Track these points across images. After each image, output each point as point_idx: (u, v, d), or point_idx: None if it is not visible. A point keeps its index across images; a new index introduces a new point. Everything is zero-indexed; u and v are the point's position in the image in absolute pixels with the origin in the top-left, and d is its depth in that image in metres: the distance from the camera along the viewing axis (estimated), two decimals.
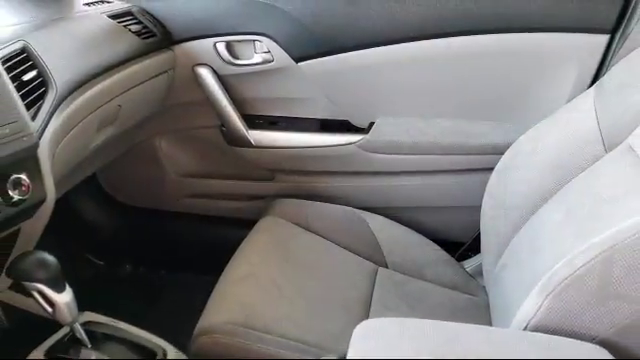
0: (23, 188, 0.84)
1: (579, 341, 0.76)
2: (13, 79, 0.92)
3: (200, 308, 1.12)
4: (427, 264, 1.41)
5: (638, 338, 0.76)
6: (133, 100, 1.36)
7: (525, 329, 0.81)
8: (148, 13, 1.52)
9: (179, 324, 1.09)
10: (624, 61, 1.14)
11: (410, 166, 1.57)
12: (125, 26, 1.39)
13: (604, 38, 1.33)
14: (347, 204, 1.56)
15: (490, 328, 1.03)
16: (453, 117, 1.53)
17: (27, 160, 0.88)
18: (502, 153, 1.28)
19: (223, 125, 1.66)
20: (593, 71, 1.35)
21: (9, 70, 0.92)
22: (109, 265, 1.01)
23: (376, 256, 1.40)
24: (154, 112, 1.57)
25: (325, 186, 1.68)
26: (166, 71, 1.51)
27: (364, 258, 1.39)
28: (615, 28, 1.31)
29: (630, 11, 1.29)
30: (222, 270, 1.25)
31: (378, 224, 1.49)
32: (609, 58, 1.33)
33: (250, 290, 1.17)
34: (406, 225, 1.56)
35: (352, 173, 1.64)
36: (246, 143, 1.64)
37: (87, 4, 1.41)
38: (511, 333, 0.83)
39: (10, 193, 0.82)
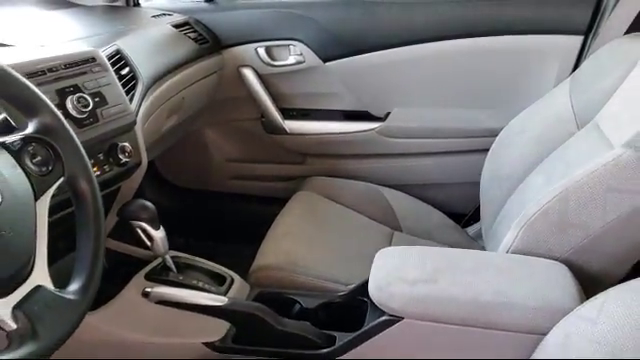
0: (127, 153, 1.05)
1: (545, 259, 0.94)
2: (115, 73, 1.13)
3: (246, 268, 1.24)
4: (435, 228, 1.53)
5: (589, 257, 0.93)
6: (193, 94, 1.55)
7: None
8: (201, 23, 1.71)
9: None
10: (593, 56, 1.28)
11: (420, 148, 1.72)
12: (185, 34, 1.59)
13: (579, 39, 1.48)
14: (367, 181, 1.69)
15: (479, 251, 1.18)
16: (456, 106, 1.67)
17: (129, 132, 1.09)
18: (496, 135, 1.41)
19: (262, 116, 1.84)
20: (571, 66, 1.49)
21: (112, 66, 1.13)
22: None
23: (392, 222, 1.53)
24: (207, 105, 1.76)
25: (349, 166, 1.81)
26: (216, 71, 1.70)
27: (382, 224, 1.52)
28: (588, 30, 1.46)
29: (599, 16, 1.44)
30: (260, 240, 1.37)
31: (394, 197, 1.62)
32: (584, 55, 1.48)
33: (290, 244, 1.32)
34: (417, 198, 1.69)
35: (371, 155, 1.79)
36: (282, 131, 1.81)
37: (154, 16, 1.62)
38: (494, 254, 1.04)
39: (120, 156, 1.03)
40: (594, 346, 0.69)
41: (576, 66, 1.49)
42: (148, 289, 1.00)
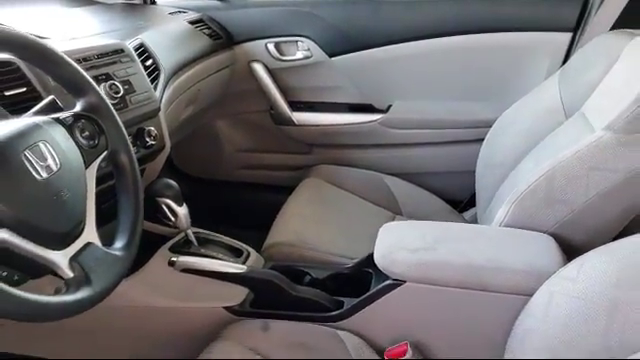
0: (153, 136, 1.12)
1: (533, 232, 1.02)
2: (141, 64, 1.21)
3: (257, 250, 1.27)
4: (434, 213, 1.59)
5: (573, 230, 1.01)
6: (207, 87, 1.63)
7: None
8: (215, 20, 1.79)
9: None
10: (580, 51, 1.33)
11: (420, 138, 1.78)
12: (200, 30, 1.67)
13: (568, 35, 1.55)
14: (370, 169, 1.75)
15: (474, 225, 1.25)
16: (453, 99, 1.74)
17: (154, 118, 1.17)
18: (491, 126, 1.45)
19: (272, 108, 1.90)
20: (561, 61, 1.56)
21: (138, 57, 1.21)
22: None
23: (393, 207, 1.59)
24: (219, 98, 1.83)
25: (353, 155, 1.87)
26: (228, 66, 1.78)
27: (384, 208, 1.58)
28: (576, 27, 1.53)
29: (587, 14, 1.51)
30: (270, 227, 1.42)
31: (395, 184, 1.68)
32: (573, 50, 1.54)
33: (299, 223, 1.40)
34: (417, 185, 1.74)
35: (374, 145, 1.85)
36: (290, 122, 1.88)
37: (170, 13, 1.70)
38: (488, 227, 1.12)
39: (146, 139, 1.10)
40: (574, 301, 0.76)
41: (565, 60, 1.54)
42: (174, 258, 1.08)
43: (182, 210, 1.12)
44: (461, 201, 1.77)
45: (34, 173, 0.65)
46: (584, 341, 0.72)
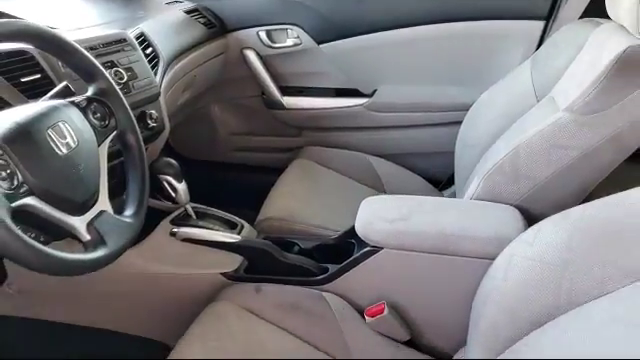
0: (154, 119, 1.20)
1: (500, 204, 1.10)
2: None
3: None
4: (415, 191, 1.65)
5: (537, 203, 1.08)
6: (202, 73, 1.70)
7: None
8: (209, 9, 1.84)
9: None
10: (550, 39, 1.39)
11: (403, 121, 1.85)
12: (195, 19, 1.73)
13: (540, 23, 1.60)
14: (356, 150, 1.82)
15: (446, 198, 1.32)
16: (433, 84, 1.80)
17: (154, 102, 1.24)
18: (468, 109, 1.51)
19: (263, 93, 1.96)
20: (534, 48, 1.60)
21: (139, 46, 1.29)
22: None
23: (377, 186, 1.67)
24: (214, 83, 1.89)
25: (340, 137, 1.94)
26: (222, 53, 1.84)
27: (369, 187, 1.66)
28: (548, 16, 1.59)
29: (558, 4, 1.57)
30: (261, 205, 1.48)
31: (379, 164, 1.76)
32: (545, 38, 1.60)
33: (289, 200, 1.48)
34: (400, 166, 1.81)
35: (360, 127, 1.91)
36: (281, 107, 1.94)
37: (167, 3, 1.76)
38: (459, 200, 1.21)
39: (148, 121, 1.18)
40: (530, 263, 0.83)
41: (539, 47, 1.58)
42: (175, 229, 1.17)
43: (182, 186, 1.20)
44: (441, 180, 1.83)
45: (56, 149, 0.74)
46: (538, 298, 0.79)
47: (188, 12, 1.74)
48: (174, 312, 1.18)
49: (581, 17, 1.50)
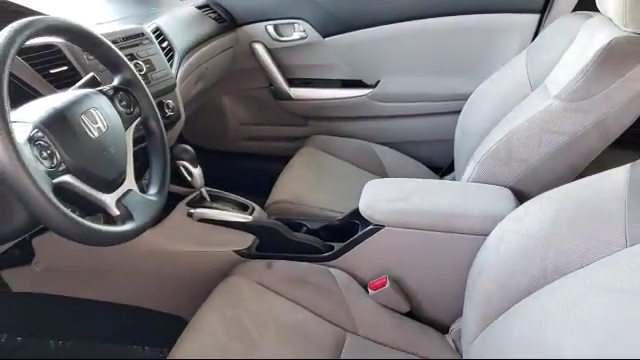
0: (171, 108, 1.28)
1: (495, 186, 1.16)
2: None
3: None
4: (417, 177, 1.51)
5: (529, 184, 1.14)
6: (214, 65, 1.76)
7: None
8: (219, 5, 1.90)
9: None
10: (544, 31, 1.44)
11: (405, 111, 1.90)
12: (206, 14, 1.79)
13: (536, 16, 1.64)
14: (360, 138, 1.87)
15: (444, 181, 1.38)
16: (434, 75, 1.84)
17: (171, 92, 1.31)
18: (467, 99, 1.56)
19: (271, 85, 2.02)
20: (529, 40, 1.64)
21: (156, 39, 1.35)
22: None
23: (380, 172, 1.72)
24: (224, 76, 1.95)
25: (344, 127, 1.99)
26: (232, 46, 1.90)
27: (372, 173, 1.71)
28: (543, 9, 1.63)
29: None
30: (269, 192, 1.54)
31: (382, 151, 1.82)
32: (540, 30, 1.64)
33: (297, 185, 1.55)
34: (402, 153, 1.87)
35: (364, 117, 1.97)
36: (288, 97, 2.00)
37: None
38: (456, 182, 1.27)
39: (165, 110, 1.26)
40: (519, 237, 0.89)
41: (534, 39, 1.58)
42: (191, 210, 1.25)
43: (197, 171, 1.27)
44: (442, 167, 1.89)
45: (89, 132, 0.81)
46: (526, 269, 0.84)
47: (200, 8, 1.80)
48: (191, 287, 1.25)
49: (574, 10, 1.54)
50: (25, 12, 1.06)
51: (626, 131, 1.08)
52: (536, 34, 1.67)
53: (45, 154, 0.73)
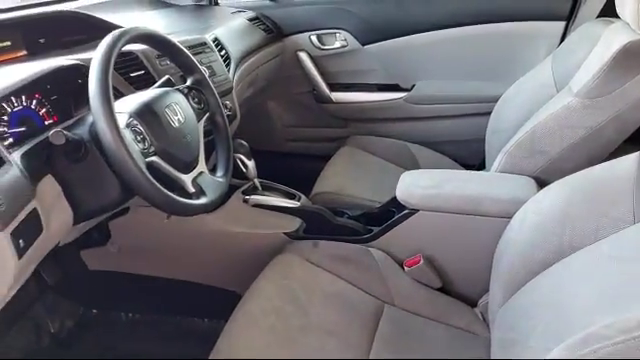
0: (229, 108, 1.42)
1: (519, 175, 1.25)
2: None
3: None
4: None
5: (551, 174, 1.20)
6: (263, 72, 1.90)
7: None
8: (268, 17, 2.04)
9: None
10: (569, 37, 1.51)
11: (439, 112, 1.99)
12: (257, 26, 1.94)
13: (562, 24, 1.73)
14: (396, 138, 1.96)
15: (473, 171, 1.45)
16: (466, 79, 1.94)
17: (229, 94, 1.46)
18: (497, 100, 1.62)
19: (314, 89, 2.14)
20: (556, 46, 1.70)
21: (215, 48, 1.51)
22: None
23: (415, 169, 1.63)
24: (271, 81, 2.08)
25: (382, 127, 2.09)
26: (278, 55, 2.04)
27: (407, 169, 1.63)
28: (569, 17, 1.71)
29: (577, 5, 1.69)
30: (312, 188, 1.63)
31: (417, 150, 1.90)
32: (566, 36, 1.71)
33: (339, 178, 1.66)
34: (436, 152, 1.94)
35: (400, 118, 2.07)
36: (329, 101, 2.12)
37: (232, 12, 1.97)
38: (484, 172, 1.37)
39: (225, 110, 1.41)
40: (539, 217, 0.98)
41: (560, 45, 1.65)
42: (247, 197, 1.38)
43: (251, 163, 1.40)
44: (473, 165, 1.95)
45: (171, 122, 0.96)
46: (545, 244, 0.92)
47: (250, 20, 1.94)
48: (245, 265, 1.37)
49: (598, 17, 1.59)
50: (110, 27, 1.21)
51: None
52: (562, 40, 1.74)
53: (139, 138, 0.88)
